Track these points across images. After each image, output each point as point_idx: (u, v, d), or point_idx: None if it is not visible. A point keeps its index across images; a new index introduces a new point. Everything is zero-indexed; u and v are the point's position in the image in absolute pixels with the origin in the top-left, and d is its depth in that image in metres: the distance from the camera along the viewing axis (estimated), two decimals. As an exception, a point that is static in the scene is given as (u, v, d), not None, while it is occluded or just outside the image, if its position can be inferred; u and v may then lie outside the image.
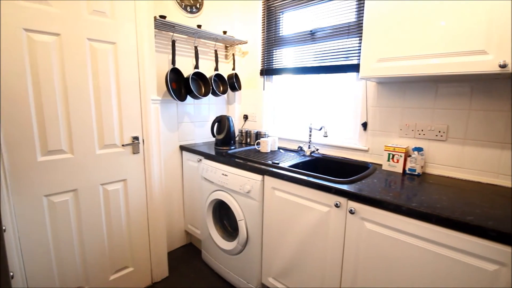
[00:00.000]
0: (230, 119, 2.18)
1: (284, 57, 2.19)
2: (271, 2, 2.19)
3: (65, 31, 1.37)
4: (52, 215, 1.44)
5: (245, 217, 1.68)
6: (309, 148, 1.91)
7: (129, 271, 1.78)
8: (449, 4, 1.10)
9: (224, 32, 2.26)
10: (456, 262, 0.93)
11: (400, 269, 1.07)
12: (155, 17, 1.76)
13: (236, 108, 2.58)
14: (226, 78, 2.37)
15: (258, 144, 2.04)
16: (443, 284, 0.96)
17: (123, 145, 1.66)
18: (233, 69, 2.43)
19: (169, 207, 2.25)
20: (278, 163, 1.62)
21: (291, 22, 2.14)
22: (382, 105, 1.65)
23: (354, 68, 1.74)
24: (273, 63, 2.26)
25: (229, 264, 1.86)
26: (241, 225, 1.68)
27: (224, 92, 2.36)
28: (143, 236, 1.83)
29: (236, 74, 2.41)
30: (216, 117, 2.20)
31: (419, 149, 1.48)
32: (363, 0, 1.57)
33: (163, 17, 1.82)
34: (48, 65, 1.34)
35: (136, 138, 1.71)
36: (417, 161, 1.45)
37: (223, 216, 2.01)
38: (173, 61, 2.03)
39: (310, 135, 1.92)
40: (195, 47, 2.14)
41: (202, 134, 2.42)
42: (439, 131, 1.45)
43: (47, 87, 1.35)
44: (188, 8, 2.13)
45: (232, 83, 2.39)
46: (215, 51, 2.32)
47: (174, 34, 2.05)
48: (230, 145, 2.17)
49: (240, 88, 2.44)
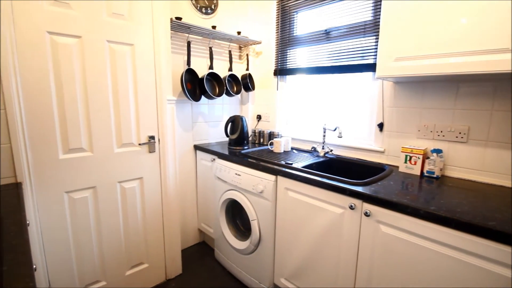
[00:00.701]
0: (244, 119, 2.19)
1: (298, 57, 2.17)
2: (285, 2, 2.18)
3: (86, 34, 1.42)
4: (72, 211, 1.49)
5: (258, 217, 1.68)
6: (323, 149, 1.89)
7: (144, 267, 1.83)
8: (470, 1, 1.06)
9: (238, 33, 2.27)
10: (477, 269, 0.90)
11: (417, 274, 1.04)
12: (171, 19, 1.79)
13: (250, 108, 2.58)
14: (240, 78, 2.39)
15: (271, 144, 2.04)
16: (463, 291, 0.93)
17: (140, 144, 1.70)
18: (247, 69, 2.44)
19: (183, 206, 2.29)
20: (292, 164, 1.61)
21: (305, 22, 2.12)
22: (399, 106, 1.61)
23: (370, 68, 1.71)
24: (287, 63, 2.25)
25: (242, 264, 1.87)
26: (254, 225, 1.69)
27: (238, 92, 2.37)
28: (158, 233, 1.87)
29: (250, 75, 2.42)
30: (230, 117, 2.21)
31: (438, 151, 1.44)
32: (380, -2, 1.54)
33: (179, 19, 1.85)
34: (70, 66, 1.40)
35: (152, 138, 1.75)
36: (436, 163, 1.41)
37: (236, 216, 2.03)
38: (188, 62, 2.06)
39: (324, 136, 1.90)
40: (210, 48, 2.17)
41: (216, 134, 2.44)
42: (460, 133, 1.40)
43: (69, 88, 1.40)
44: (203, 10, 2.15)
45: (246, 83, 2.40)
46: (229, 52, 2.33)
47: (190, 35, 2.08)
48: (244, 145, 2.18)
49: (254, 88, 2.44)
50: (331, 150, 1.90)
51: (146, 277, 1.84)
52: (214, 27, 2.08)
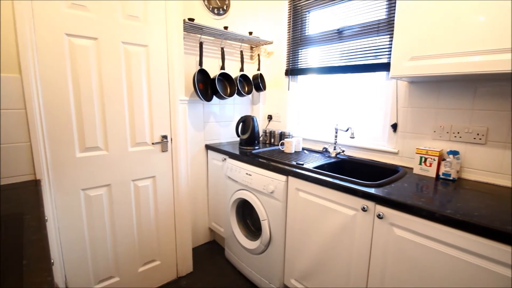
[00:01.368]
0: (255, 119, 2.19)
1: (310, 57, 2.16)
2: (297, 2, 2.17)
3: (102, 35, 1.46)
4: (88, 208, 1.53)
5: (268, 217, 1.68)
6: (335, 150, 1.87)
7: (156, 264, 1.86)
8: (492, -2, 1.03)
9: (250, 33, 2.28)
10: (494, 275, 0.87)
11: (432, 279, 1.02)
12: (184, 20, 1.82)
13: (261, 108, 2.59)
14: (251, 79, 2.39)
15: (282, 145, 2.03)
16: (481, 298, 0.90)
17: (153, 143, 1.73)
18: (258, 70, 2.44)
19: (194, 205, 2.31)
20: (303, 164, 1.60)
21: (317, 21, 2.11)
22: (414, 106, 1.58)
23: (384, 67, 1.68)
24: (299, 63, 2.24)
25: (252, 263, 1.87)
26: (264, 225, 1.69)
27: (249, 93, 2.37)
28: (170, 231, 1.90)
29: (261, 75, 2.42)
30: (241, 117, 2.22)
31: (455, 153, 1.39)
32: (395, -3, 1.50)
33: (192, 20, 1.87)
34: (87, 67, 1.44)
35: (165, 137, 1.77)
36: (452, 165, 1.37)
37: (246, 215, 2.03)
38: (201, 62, 2.08)
39: (336, 136, 1.88)
40: (222, 48, 2.18)
41: (227, 134, 2.46)
42: (478, 134, 1.35)
43: (86, 88, 1.44)
44: (216, 10, 2.17)
45: (257, 83, 2.40)
46: (241, 52, 2.34)
47: (202, 36, 2.11)
48: (254, 145, 2.18)
49: (265, 88, 2.44)
50: (343, 151, 1.88)
51: (158, 274, 1.88)
52: (226, 28, 2.09)
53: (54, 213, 1.43)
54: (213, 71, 2.18)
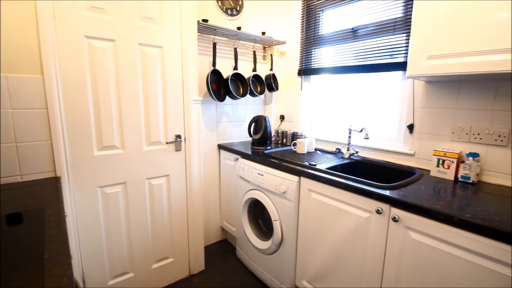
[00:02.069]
0: (267, 119, 2.19)
1: (323, 57, 2.14)
2: (311, 1, 2.15)
3: (119, 37, 1.50)
4: (105, 205, 1.58)
5: (280, 218, 1.67)
6: (348, 151, 1.84)
7: (169, 262, 1.89)
8: (517, -6, 0.99)
9: (263, 33, 2.28)
10: (519, 283, 0.83)
11: (449, 285, 0.98)
12: (198, 21, 1.84)
13: (273, 108, 2.58)
14: (264, 79, 2.39)
15: (295, 145, 2.02)
16: (502, 306, 0.87)
17: (167, 143, 1.76)
18: (271, 70, 2.44)
19: (207, 204, 2.34)
20: (315, 165, 1.59)
21: (331, 21, 2.08)
22: (432, 106, 1.53)
23: (400, 67, 1.64)
24: (312, 63, 2.22)
25: (263, 263, 1.87)
26: (276, 226, 1.69)
27: (262, 93, 2.38)
28: (183, 229, 1.92)
29: (274, 75, 2.42)
30: (253, 117, 2.23)
31: (475, 155, 1.35)
32: (412, -6, 1.47)
33: (205, 21, 1.89)
34: (105, 69, 1.48)
35: (179, 136, 1.80)
36: (472, 168, 1.32)
37: (258, 215, 2.03)
38: (214, 63, 2.10)
39: (350, 137, 1.85)
40: (235, 49, 2.19)
41: (239, 134, 2.47)
42: (499, 135, 1.30)
43: (103, 88, 1.49)
44: (229, 11, 2.18)
45: (270, 84, 2.40)
46: (254, 52, 2.35)
47: (215, 37, 2.12)
48: (266, 145, 2.18)
49: (278, 89, 2.44)
50: (357, 152, 1.85)
51: (171, 271, 1.91)
52: (239, 28, 2.10)
53: (73, 209, 1.48)
54: (226, 72, 2.20)
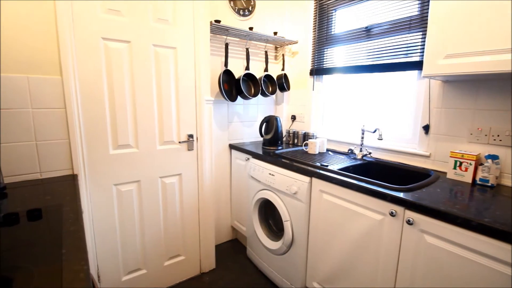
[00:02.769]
0: (278, 120, 2.19)
1: (336, 56, 2.11)
2: (324, 1, 2.13)
3: (135, 39, 1.53)
4: (119, 203, 1.62)
5: (291, 218, 1.67)
6: (361, 151, 1.82)
7: (181, 259, 1.92)
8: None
9: (275, 33, 2.28)
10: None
11: (467, 291, 0.96)
12: (211, 22, 1.86)
13: (284, 109, 2.57)
14: (275, 79, 2.39)
15: (306, 145, 2.01)
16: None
17: (180, 142, 1.79)
18: (283, 70, 2.43)
19: (217, 203, 2.35)
20: (327, 166, 1.57)
21: (344, 20, 2.06)
22: (449, 106, 1.49)
23: (415, 66, 1.60)
24: (324, 63, 2.20)
25: (273, 264, 1.87)
26: (287, 226, 1.68)
27: (273, 93, 2.37)
28: (194, 228, 1.95)
29: (285, 75, 2.41)
30: (265, 117, 2.23)
31: (494, 157, 1.30)
32: (429, -8, 1.43)
33: (218, 22, 1.91)
34: (120, 69, 1.52)
35: (191, 136, 1.83)
36: (491, 171, 1.27)
37: (269, 216, 2.03)
38: (226, 63, 2.11)
39: (362, 138, 1.83)
40: (247, 49, 2.20)
41: (250, 134, 2.48)
42: (521, 137, 1.25)
43: (119, 89, 1.53)
44: (241, 12, 2.19)
45: (281, 84, 2.39)
46: (265, 52, 2.35)
47: (227, 37, 2.14)
48: (278, 145, 2.18)
49: (289, 89, 2.43)
50: (370, 153, 1.82)
51: (182, 269, 1.93)
52: (251, 29, 2.11)
53: (89, 206, 1.52)
54: (238, 72, 2.21)
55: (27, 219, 0.92)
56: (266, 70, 2.34)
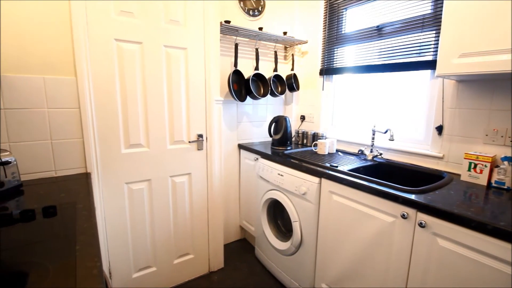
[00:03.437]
0: (287, 120, 2.18)
1: (346, 56, 2.09)
2: (334, 0, 2.11)
3: (146, 40, 1.56)
4: (131, 201, 1.65)
5: (300, 219, 1.66)
6: (371, 152, 1.79)
7: (190, 258, 1.94)
8: None
9: (285, 33, 2.27)
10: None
11: (481, 296, 0.93)
12: (221, 23, 1.87)
13: (293, 109, 2.56)
14: (285, 79, 2.38)
15: (316, 146, 1.99)
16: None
17: (190, 142, 1.81)
18: (292, 70, 2.43)
19: (226, 202, 2.36)
20: (337, 166, 1.56)
21: (355, 19, 2.03)
22: (463, 107, 1.45)
23: (428, 65, 1.57)
24: (334, 62, 2.18)
25: (282, 264, 1.87)
26: (296, 227, 1.67)
27: (282, 93, 2.37)
28: (203, 227, 1.96)
29: (295, 75, 2.40)
30: (274, 117, 2.23)
31: (511, 159, 1.26)
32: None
33: (228, 22, 1.92)
34: (132, 70, 1.54)
35: (201, 136, 1.84)
36: (507, 173, 1.23)
37: (277, 216, 2.03)
38: (235, 63, 2.12)
39: (373, 138, 1.80)
40: (256, 49, 2.20)
41: (259, 134, 2.48)
42: (540, 139, 1.21)
43: (131, 89, 1.55)
44: (251, 12, 2.19)
45: (291, 84, 2.38)
46: (275, 52, 2.34)
47: (237, 38, 2.14)
48: (287, 146, 2.17)
49: (298, 89, 2.42)
50: (381, 154, 1.79)
51: (191, 268, 1.95)
52: (261, 29, 2.11)
53: (101, 204, 1.55)
54: (247, 72, 2.21)
55: (43, 216, 0.95)
56: (276, 70, 2.34)
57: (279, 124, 2.18)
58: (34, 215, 0.95)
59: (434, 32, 1.53)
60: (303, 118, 2.50)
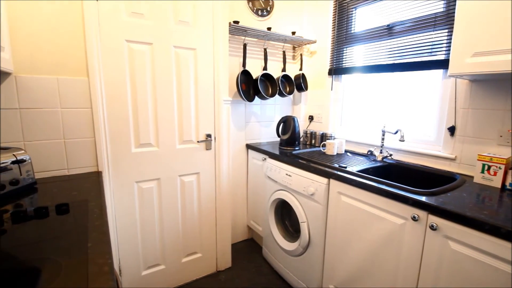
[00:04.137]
0: (296, 120, 2.17)
1: (355, 55, 2.07)
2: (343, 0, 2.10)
3: (156, 41, 1.58)
4: (140, 199, 1.67)
5: (308, 220, 1.65)
6: (381, 153, 1.77)
7: (198, 257, 1.95)
8: None
9: (293, 33, 2.26)
10: None
11: (495, 302, 0.91)
12: (230, 23, 1.87)
13: (302, 109, 2.55)
14: (293, 79, 2.37)
15: (324, 146, 1.98)
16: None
17: (198, 142, 1.82)
18: (300, 69, 2.41)
19: (234, 202, 2.37)
20: (346, 167, 1.55)
21: (364, 18, 2.01)
22: (476, 107, 1.42)
23: (440, 65, 1.54)
24: (343, 62, 2.16)
25: (289, 265, 1.86)
26: (303, 227, 1.67)
27: (291, 93, 2.36)
28: (211, 226, 1.97)
29: (303, 75, 2.39)
30: (282, 118, 2.22)
31: (527, 161, 1.22)
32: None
33: (237, 23, 1.92)
34: (143, 71, 1.56)
35: (209, 136, 1.85)
36: (523, 175, 1.20)
37: (285, 216, 2.02)
38: (244, 64, 2.12)
39: (383, 139, 1.77)
40: (264, 49, 2.20)
41: (267, 134, 2.48)
42: (558, 140, 1.17)
43: (141, 89, 1.58)
44: (259, 12, 2.20)
45: (299, 84, 2.37)
46: (283, 52, 2.34)
47: (246, 38, 2.15)
48: (295, 146, 2.17)
49: (307, 89, 2.41)
50: (391, 155, 1.76)
51: (199, 266, 1.97)
52: (269, 29, 2.11)
53: (112, 202, 1.58)
54: (256, 72, 2.21)
55: (56, 213, 0.97)
56: (284, 70, 2.34)
57: (287, 124, 2.18)
58: (48, 212, 0.98)
59: (447, 31, 1.50)
60: (312, 118, 2.49)
